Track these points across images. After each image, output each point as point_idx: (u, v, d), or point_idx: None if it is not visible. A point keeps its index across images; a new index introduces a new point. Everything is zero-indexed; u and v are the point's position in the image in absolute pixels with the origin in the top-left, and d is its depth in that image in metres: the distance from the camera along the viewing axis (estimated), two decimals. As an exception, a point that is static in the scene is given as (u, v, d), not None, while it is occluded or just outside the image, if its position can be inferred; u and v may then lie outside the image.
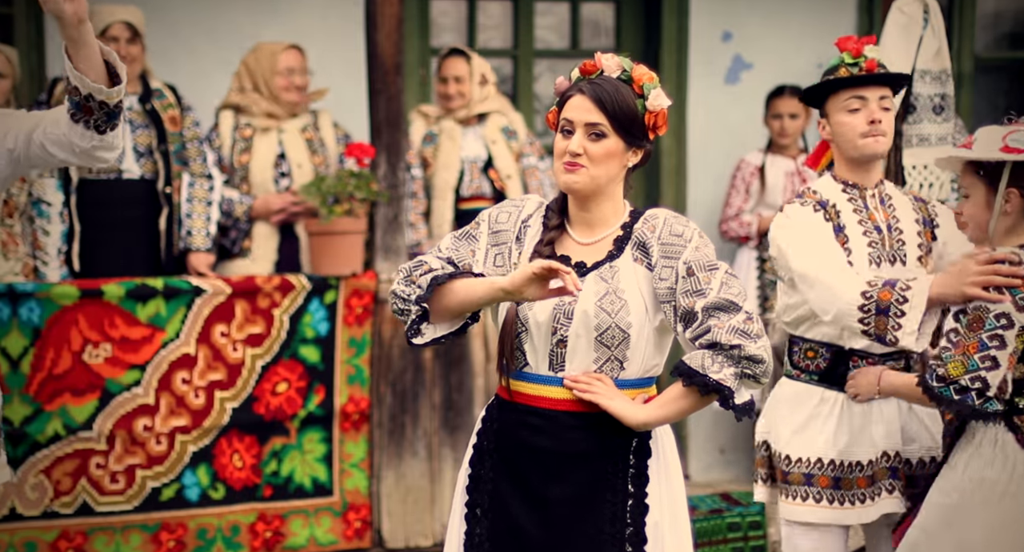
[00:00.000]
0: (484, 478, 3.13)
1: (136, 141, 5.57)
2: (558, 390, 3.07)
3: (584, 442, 3.06)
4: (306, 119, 5.94)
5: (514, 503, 3.08)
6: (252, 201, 5.80)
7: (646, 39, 7.07)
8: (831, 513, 3.85)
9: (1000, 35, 7.85)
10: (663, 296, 3.04)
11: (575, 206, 3.13)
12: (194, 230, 5.64)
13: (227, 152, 5.85)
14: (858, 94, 3.86)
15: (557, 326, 3.04)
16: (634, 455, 3.08)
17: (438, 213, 6.18)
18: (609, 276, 3.06)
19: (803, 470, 3.86)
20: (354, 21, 6.18)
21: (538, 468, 3.07)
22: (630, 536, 3.05)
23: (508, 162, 6.26)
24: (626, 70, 3.10)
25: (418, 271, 3.11)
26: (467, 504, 3.15)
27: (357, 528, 5.70)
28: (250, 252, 5.83)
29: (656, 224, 3.09)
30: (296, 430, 5.58)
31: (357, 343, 5.65)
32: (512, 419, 3.11)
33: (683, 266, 3.02)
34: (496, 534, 3.10)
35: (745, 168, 6.80)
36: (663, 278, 3.04)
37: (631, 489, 3.06)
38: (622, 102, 3.05)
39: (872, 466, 3.84)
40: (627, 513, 3.05)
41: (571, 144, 3.05)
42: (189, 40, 6.44)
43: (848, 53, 3.87)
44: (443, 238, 3.16)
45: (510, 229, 3.16)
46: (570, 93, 3.09)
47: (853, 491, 3.84)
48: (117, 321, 5.28)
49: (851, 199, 3.90)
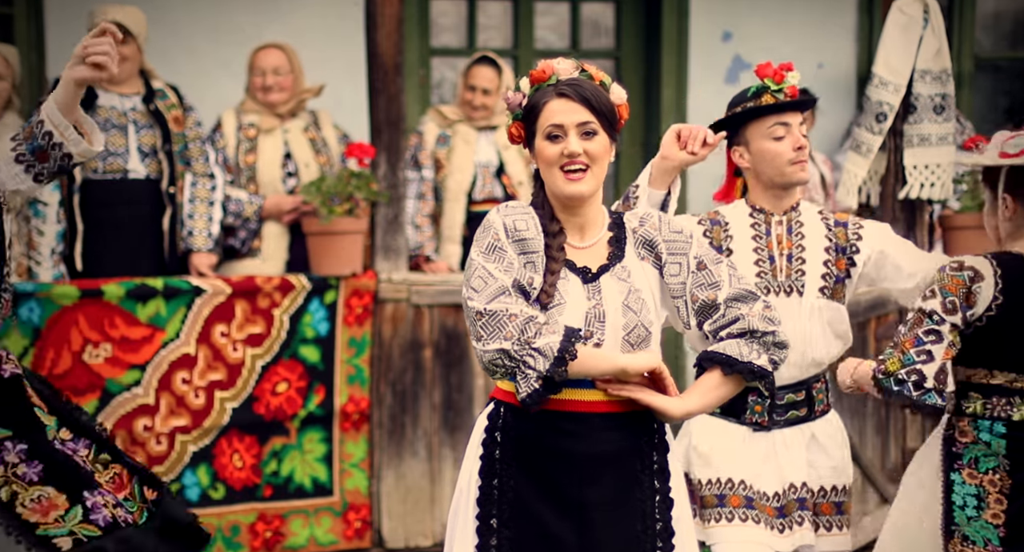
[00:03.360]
0: (504, 488, 3.09)
1: (141, 141, 5.57)
2: (589, 392, 3.06)
3: (616, 442, 3.07)
4: (306, 119, 5.94)
5: (544, 510, 3.05)
6: (262, 201, 5.80)
7: (646, 39, 7.07)
8: (746, 531, 3.78)
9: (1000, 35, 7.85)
10: (676, 291, 3.09)
11: (566, 212, 3.12)
12: (195, 230, 5.64)
13: (231, 152, 5.85)
14: (782, 120, 3.78)
15: (592, 330, 3.05)
16: (656, 451, 3.11)
17: (450, 216, 6.18)
18: (625, 276, 3.09)
19: (715, 491, 3.81)
20: (354, 21, 6.18)
21: (571, 472, 3.05)
22: (659, 531, 3.09)
23: (520, 168, 6.26)
24: (584, 70, 3.11)
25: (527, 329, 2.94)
26: (479, 517, 3.10)
27: (357, 528, 5.70)
28: (260, 252, 5.84)
29: (655, 222, 3.13)
30: (296, 430, 5.58)
31: (357, 343, 5.65)
32: (538, 425, 3.07)
33: (693, 261, 3.09)
34: (523, 544, 3.07)
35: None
36: (673, 274, 3.09)
37: (657, 485, 3.10)
38: (603, 98, 3.08)
39: (780, 498, 3.81)
40: (655, 510, 3.09)
41: (570, 145, 3.04)
42: (190, 40, 6.44)
43: (771, 79, 3.79)
44: (474, 265, 3.02)
45: (534, 237, 3.09)
46: (544, 100, 3.07)
47: (764, 516, 3.79)
48: (117, 321, 5.28)
49: (754, 225, 3.84)
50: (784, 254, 3.83)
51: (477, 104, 6.19)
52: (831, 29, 7.13)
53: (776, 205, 3.85)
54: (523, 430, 3.09)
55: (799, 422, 3.85)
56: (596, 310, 3.05)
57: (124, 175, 5.56)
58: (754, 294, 3.10)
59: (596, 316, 3.05)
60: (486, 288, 2.99)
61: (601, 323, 3.05)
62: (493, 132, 6.26)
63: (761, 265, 3.81)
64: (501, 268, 3.01)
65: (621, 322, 3.05)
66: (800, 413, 3.85)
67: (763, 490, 3.80)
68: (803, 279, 3.81)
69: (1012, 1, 7.73)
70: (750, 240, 3.83)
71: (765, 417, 3.83)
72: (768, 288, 3.80)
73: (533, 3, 7.01)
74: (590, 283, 3.08)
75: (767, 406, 3.82)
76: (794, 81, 3.79)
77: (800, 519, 3.82)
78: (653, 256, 3.12)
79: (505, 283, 2.99)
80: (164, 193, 5.59)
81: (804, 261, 3.82)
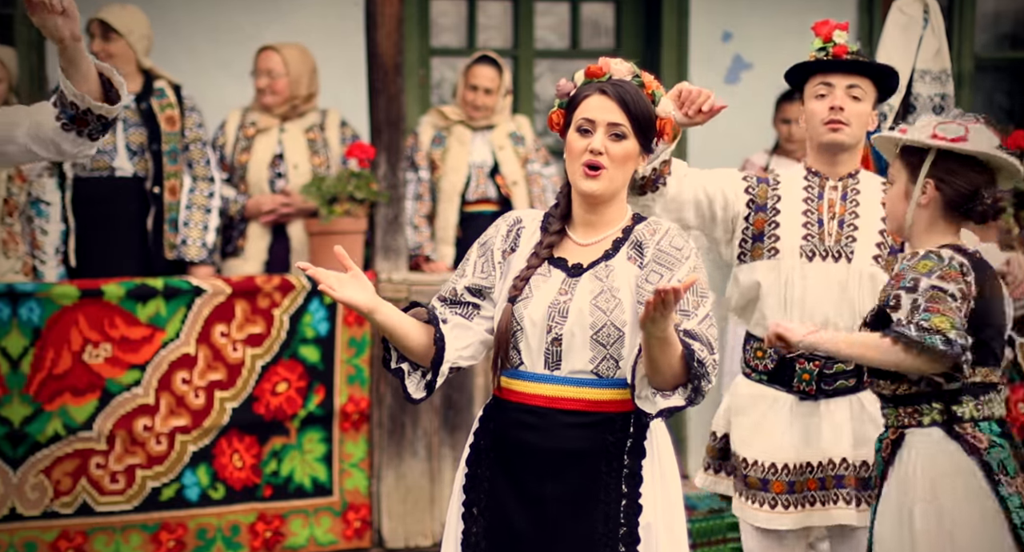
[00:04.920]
0: (481, 477, 3.14)
1: (129, 139, 5.58)
2: (553, 387, 3.07)
3: (578, 440, 3.06)
4: (313, 119, 5.93)
5: (509, 502, 3.09)
6: (245, 200, 5.81)
7: (646, 39, 7.07)
8: (787, 518, 3.78)
9: (1000, 35, 7.85)
10: (643, 298, 3.01)
11: (582, 209, 3.13)
12: (189, 240, 5.63)
13: (229, 150, 5.86)
14: (825, 80, 3.77)
15: (552, 325, 3.05)
16: (628, 455, 3.08)
17: (443, 216, 6.17)
18: (604, 275, 3.07)
19: (759, 475, 3.80)
20: (354, 21, 6.18)
21: (533, 466, 3.07)
22: (623, 536, 3.05)
23: (514, 168, 6.23)
24: (637, 75, 3.11)
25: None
26: (464, 503, 3.15)
27: (357, 528, 5.70)
28: (243, 251, 5.84)
29: (658, 229, 3.11)
30: (296, 430, 5.58)
31: (357, 343, 5.65)
32: (507, 418, 3.12)
33: (676, 282, 2.95)
34: (492, 533, 3.11)
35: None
36: (649, 281, 3.04)
37: (625, 489, 3.06)
38: (643, 105, 3.08)
39: (822, 469, 3.79)
40: (620, 513, 3.06)
41: (593, 142, 3.05)
42: (190, 40, 6.44)
43: (819, 38, 3.79)
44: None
45: (494, 236, 3.18)
46: (586, 93, 3.09)
47: (805, 494, 3.78)
48: (117, 321, 5.28)
49: (808, 187, 3.83)
50: (835, 219, 3.78)
51: (479, 104, 6.17)
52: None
53: (830, 170, 3.82)
54: (499, 421, 3.13)
55: (847, 392, 3.80)
56: (561, 305, 3.05)
57: (111, 173, 5.57)
58: (713, 346, 2.96)
59: (559, 311, 3.05)
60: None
61: (563, 318, 3.05)
62: (489, 132, 6.24)
63: (809, 228, 3.78)
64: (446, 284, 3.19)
65: (589, 321, 3.04)
66: (849, 383, 3.79)
67: (806, 462, 3.77)
68: (853, 245, 3.76)
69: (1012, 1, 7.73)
70: (800, 202, 3.80)
71: (813, 386, 3.79)
72: (813, 252, 3.76)
73: (533, 3, 7.01)
74: (572, 278, 3.09)
75: (815, 375, 3.77)
76: (841, 41, 3.75)
77: (836, 497, 3.78)
78: (640, 258, 3.09)
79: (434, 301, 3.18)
80: (148, 193, 5.58)
81: (856, 228, 3.77)
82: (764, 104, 6.90)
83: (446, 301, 3.17)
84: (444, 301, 3.17)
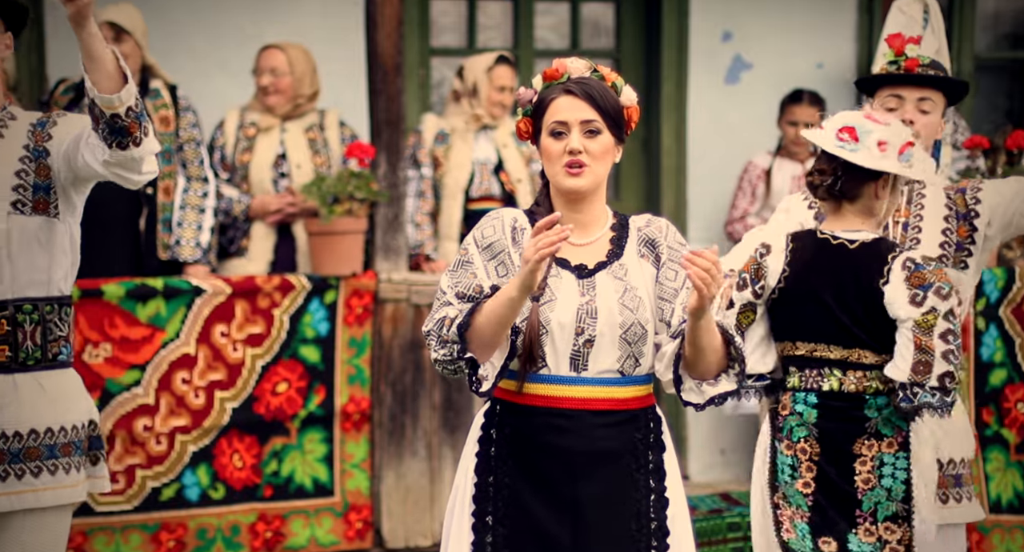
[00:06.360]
0: (499, 485, 3.10)
1: None
2: (582, 389, 3.08)
3: (610, 440, 3.08)
4: (312, 119, 5.93)
5: (537, 507, 3.07)
6: (250, 200, 5.80)
7: (646, 39, 7.08)
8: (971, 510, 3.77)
9: (1000, 35, 7.85)
10: (667, 294, 3.10)
11: (567, 208, 3.13)
12: (183, 240, 5.62)
13: (230, 150, 5.86)
14: (896, 93, 3.82)
15: (584, 326, 3.06)
16: (652, 450, 3.13)
17: (447, 213, 6.17)
18: (622, 274, 3.11)
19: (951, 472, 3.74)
20: (354, 21, 6.18)
21: (565, 469, 3.07)
22: (655, 531, 3.10)
23: (518, 165, 6.25)
24: (596, 70, 3.14)
25: (444, 329, 3.01)
26: (474, 513, 3.12)
27: (358, 528, 5.70)
28: (247, 251, 5.84)
29: (661, 226, 3.17)
30: (296, 430, 5.59)
31: (357, 343, 5.65)
32: (530, 422, 3.09)
33: (685, 278, 3.08)
34: (516, 541, 3.08)
35: (752, 171, 6.79)
36: (670, 279, 3.10)
37: (652, 484, 3.11)
38: (611, 98, 3.10)
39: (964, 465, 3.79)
40: (650, 508, 3.10)
41: (571, 142, 3.06)
42: (189, 40, 6.44)
43: (892, 51, 3.82)
44: (441, 280, 3.11)
45: (501, 237, 3.14)
46: (552, 96, 3.10)
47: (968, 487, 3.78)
48: (117, 321, 5.28)
49: None
50: (899, 222, 3.81)
51: (506, 103, 6.21)
52: (831, 29, 7.13)
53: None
54: (517, 427, 3.11)
55: None
56: (588, 306, 3.06)
57: None
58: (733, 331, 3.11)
59: (588, 312, 3.06)
60: (435, 306, 3.08)
61: (593, 319, 3.06)
62: (492, 129, 6.26)
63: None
64: (455, 282, 3.07)
65: (618, 321, 3.06)
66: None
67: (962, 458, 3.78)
68: (917, 248, 3.77)
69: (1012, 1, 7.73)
70: None
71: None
72: None
73: (533, 3, 7.01)
74: (585, 279, 3.10)
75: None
76: (913, 54, 3.79)
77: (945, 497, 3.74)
78: (653, 255, 3.14)
79: (451, 293, 3.06)
80: (141, 193, 5.57)
81: (920, 230, 3.80)
82: (764, 104, 6.90)
83: (467, 298, 3.05)
84: (467, 298, 3.05)
